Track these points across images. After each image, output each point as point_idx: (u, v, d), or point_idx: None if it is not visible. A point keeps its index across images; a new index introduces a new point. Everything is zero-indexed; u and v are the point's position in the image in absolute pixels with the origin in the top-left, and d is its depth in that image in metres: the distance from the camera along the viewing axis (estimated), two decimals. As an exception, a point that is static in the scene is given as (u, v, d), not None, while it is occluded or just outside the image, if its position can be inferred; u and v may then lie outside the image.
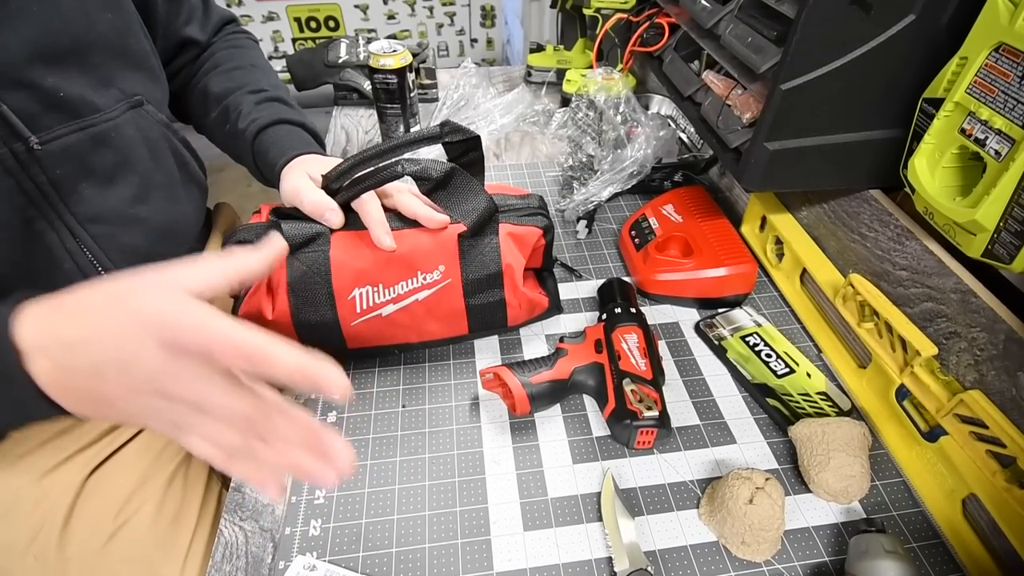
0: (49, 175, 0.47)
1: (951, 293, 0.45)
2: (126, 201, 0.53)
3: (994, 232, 0.38)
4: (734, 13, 0.54)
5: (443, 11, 2.62)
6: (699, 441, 0.53)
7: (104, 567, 0.52)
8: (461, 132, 0.51)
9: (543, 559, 0.45)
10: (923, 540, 0.46)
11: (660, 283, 0.65)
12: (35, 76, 0.45)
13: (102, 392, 0.31)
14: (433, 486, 0.50)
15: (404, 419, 0.55)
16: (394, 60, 0.80)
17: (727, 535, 0.45)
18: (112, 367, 0.30)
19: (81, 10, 0.48)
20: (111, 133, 0.51)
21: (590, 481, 0.50)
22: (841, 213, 0.58)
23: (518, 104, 0.96)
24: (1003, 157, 0.37)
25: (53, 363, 0.31)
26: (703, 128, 0.61)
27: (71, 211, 0.49)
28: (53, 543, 0.51)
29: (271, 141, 0.60)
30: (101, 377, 0.30)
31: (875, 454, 0.51)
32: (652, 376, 0.52)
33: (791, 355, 0.59)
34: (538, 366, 0.53)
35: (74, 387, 0.32)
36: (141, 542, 0.54)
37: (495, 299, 0.55)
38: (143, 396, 0.31)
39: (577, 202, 0.73)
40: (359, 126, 0.99)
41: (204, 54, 0.69)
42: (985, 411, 0.41)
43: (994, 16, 0.38)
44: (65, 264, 0.50)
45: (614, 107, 0.76)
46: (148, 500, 0.55)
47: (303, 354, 0.30)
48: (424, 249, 0.51)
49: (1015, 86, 0.36)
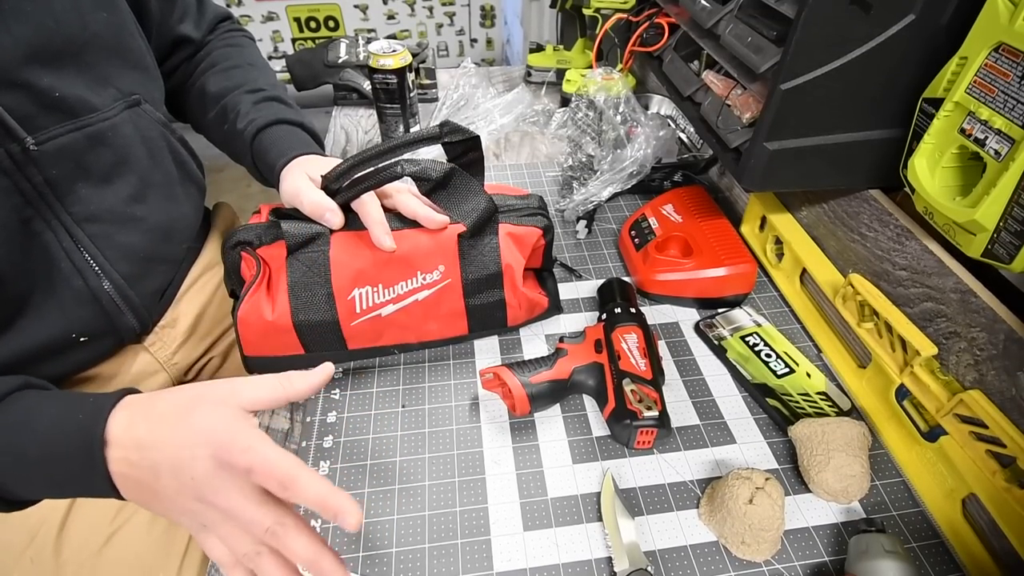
0: (45, 175, 0.47)
1: (951, 293, 0.45)
2: (123, 200, 0.53)
3: (994, 232, 0.38)
4: (734, 13, 0.54)
5: (443, 11, 2.62)
6: (699, 441, 0.53)
7: (100, 570, 0.52)
8: (461, 132, 0.51)
9: (543, 559, 0.45)
10: (923, 540, 0.46)
11: (660, 283, 0.65)
12: (30, 76, 0.45)
13: (155, 488, 0.36)
14: (433, 486, 0.49)
15: (404, 419, 0.55)
16: (394, 60, 0.80)
17: (727, 535, 0.45)
18: (168, 469, 0.35)
19: (75, 9, 0.48)
20: (108, 133, 0.51)
21: (590, 481, 0.50)
22: (841, 213, 0.58)
23: (518, 104, 0.96)
24: (1003, 157, 0.37)
25: (125, 458, 0.36)
26: (703, 128, 0.61)
27: (68, 211, 0.49)
28: (49, 546, 0.50)
29: (270, 142, 0.60)
30: (157, 476, 0.36)
31: (875, 454, 0.51)
32: (652, 376, 0.52)
33: (791, 355, 0.59)
34: (538, 366, 0.53)
35: (135, 480, 0.37)
36: (138, 545, 0.54)
37: (495, 299, 0.55)
38: (185, 498, 0.35)
39: (577, 202, 0.73)
40: (359, 126, 0.99)
41: (200, 52, 0.69)
42: (985, 411, 0.41)
43: (994, 16, 0.38)
44: (62, 263, 0.49)
45: (614, 107, 0.76)
46: (146, 502, 0.55)
47: (328, 485, 0.34)
48: (424, 249, 0.51)
49: (1015, 86, 0.36)
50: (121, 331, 0.56)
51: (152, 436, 0.36)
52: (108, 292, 0.53)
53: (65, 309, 0.50)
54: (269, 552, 0.35)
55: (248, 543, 0.35)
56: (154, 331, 0.61)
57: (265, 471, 0.34)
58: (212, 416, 0.36)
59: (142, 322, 0.57)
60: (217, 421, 0.36)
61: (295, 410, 0.55)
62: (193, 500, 0.35)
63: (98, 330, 0.53)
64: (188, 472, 0.35)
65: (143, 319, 0.57)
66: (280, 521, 0.34)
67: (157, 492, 0.36)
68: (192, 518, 0.36)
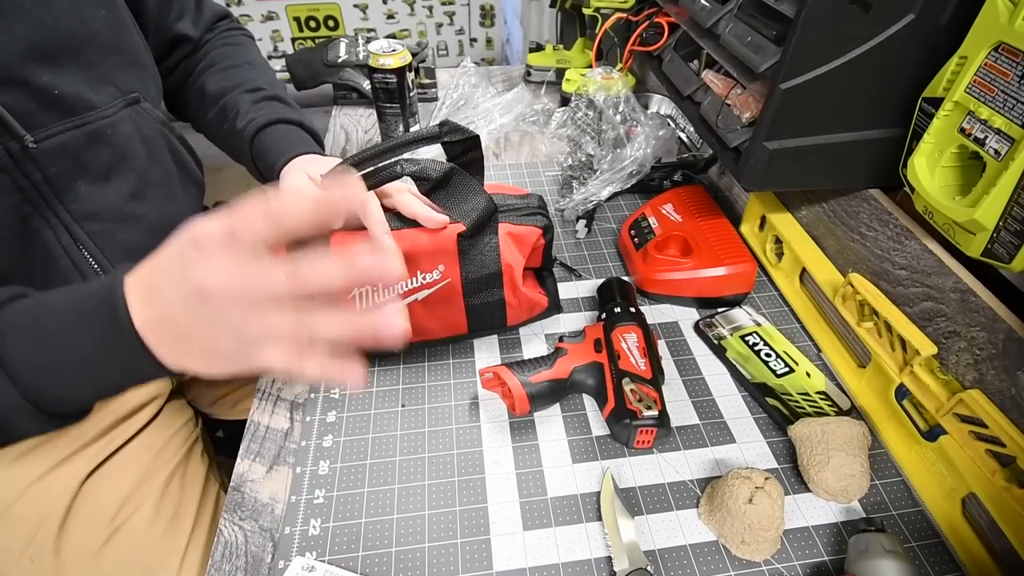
0: (44, 173, 0.47)
1: (950, 292, 0.45)
2: (122, 198, 0.53)
3: (993, 231, 0.38)
4: (733, 12, 0.54)
5: (442, 11, 2.62)
6: (699, 440, 0.53)
7: (100, 570, 0.52)
8: (460, 132, 0.51)
9: (543, 558, 0.45)
10: (922, 539, 0.46)
11: (659, 282, 0.65)
12: (30, 74, 0.45)
13: (176, 320, 0.32)
14: (432, 485, 0.49)
15: (403, 419, 0.55)
16: (393, 59, 0.80)
17: (727, 535, 0.45)
18: (170, 288, 0.32)
19: (73, 7, 0.48)
20: (107, 130, 0.51)
21: (590, 480, 0.50)
22: (840, 212, 0.58)
23: (517, 104, 0.96)
24: (1003, 156, 0.37)
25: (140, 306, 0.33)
26: (702, 127, 0.61)
27: (67, 208, 0.49)
28: (49, 545, 0.50)
29: (270, 141, 0.60)
30: (167, 303, 0.32)
31: (874, 453, 0.51)
32: (651, 375, 0.52)
33: (790, 354, 0.59)
34: (537, 366, 0.53)
35: (157, 323, 0.33)
36: (138, 545, 0.54)
37: (494, 299, 0.55)
38: (197, 309, 0.31)
39: (576, 202, 0.73)
40: (358, 126, 0.99)
41: (199, 51, 0.69)
42: (984, 410, 0.41)
43: (993, 15, 0.38)
44: (61, 261, 0.49)
45: (613, 106, 0.76)
46: (145, 502, 0.55)
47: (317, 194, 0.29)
48: (423, 249, 0.51)
49: (1014, 85, 0.36)
50: None
51: (154, 271, 0.33)
52: None
53: None
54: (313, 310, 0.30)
55: (289, 315, 0.30)
56: None
57: (242, 215, 0.29)
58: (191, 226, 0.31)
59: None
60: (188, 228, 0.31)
61: (295, 410, 0.55)
62: (204, 306, 0.30)
63: None
64: (180, 275, 0.31)
65: None
66: (292, 270, 0.29)
67: (179, 324, 0.32)
68: (234, 337, 0.31)
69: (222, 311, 0.30)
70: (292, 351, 0.30)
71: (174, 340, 0.33)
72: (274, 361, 0.31)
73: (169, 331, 0.33)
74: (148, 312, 0.33)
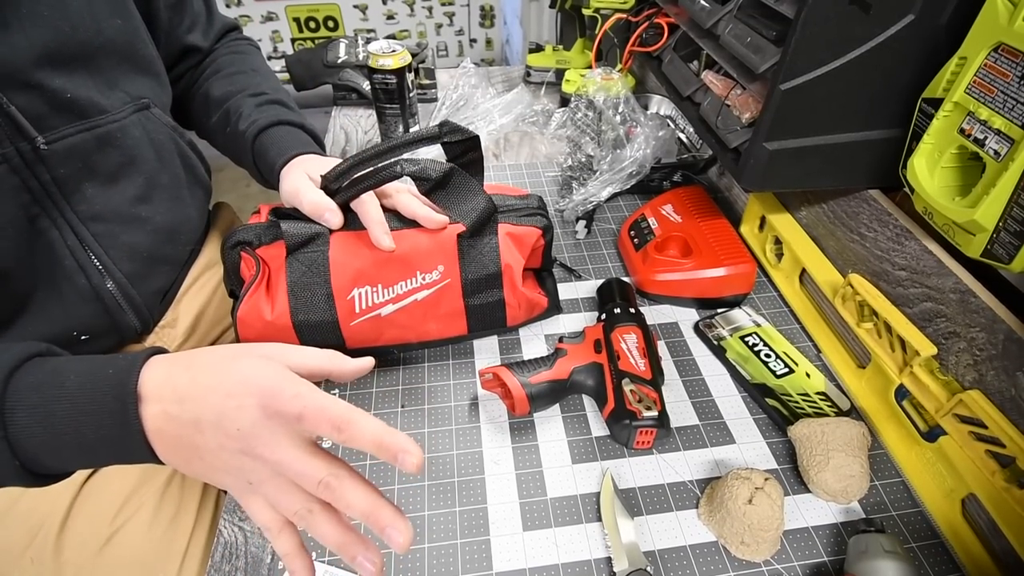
0: (53, 174, 0.47)
1: (950, 293, 0.45)
2: (129, 201, 0.53)
3: (993, 232, 0.38)
4: (733, 13, 0.54)
5: (442, 11, 2.62)
6: (698, 441, 0.53)
7: (100, 571, 0.52)
8: (460, 132, 0.51)
9: (542, 559, 0.45)
10: (922, 540, 0.46)
11: (659, 283, 0.65)
12: (43, 78, 0.45)
13: (196, 444, 0.33)
14: (432, 486, 0.49)
15: (403, 419, 0.55)
16: (393, 60, 0.80)
17: (726, 535, 0.45)
18: (212, 421, 0.33)
19: (90, 15, 0.49)
20: (117, 134, 0.51)
21: (589, 481, 0.50)
22: (840, 213, 0.58)
23: (517, 104, 0.96)
24: (1002, 157, 0.37)
25: (163, 412, 0.34)
26: (702, 128, 0.61)
27: (74, 209, 0.50)
28: (50, 546, 0.50)
29: (270, 142, 0.60)
30: (200, 429, 0.33)
31: (874, 454, 0.51)
32: (651, 376, 0.52)
33: (790, 355, 0.59)
34: (537, 366, 0.53)
35: (174, 435, 0.34)
36: (138, 546, 0.54)
37: (494, 299, 0.55)
38: (230, 452, 0.33)
39: (576, 202, 0.73)
40: (358, 126, 0.99)
41: (206, 60, 0.69)
42: (984, 411, 0.41)
43: (993, 16, 0.38)
44: (66, 261, 0.50)
45: (613, 107, 0.76)
46: (145, 503, 0.55)
47: (384, 425, 0.32)
48: (423, 249, 0.51)
49: (1014, 86, 0.36)
50: (122, 330, 0.56)
51: (194, 386, 0.34)
52: (111, 291, 0.53)
53: (67, 307, 0.51)
54: (321, 508, 0.33)
55: (299, 500, 0.33)
56: (154, 331, 0.61)
57: (317, 415, 0.32)
58: (259, 366, 0.34)
59: (143, 321, 0.58)
60: (265, 370, 0.34)
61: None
62: (239, 455, 0.33)
63: (99, 329, 0.54)
64: (234, 423, 0.32)
65: (144, 319, 0.58)
66: (334, 472, 0.32)
67: (199, 448, 0.33)
68: (237, 476, 0.33)
69: (252, 468, 0.33)
70: (280, 521, 0.34)
71: (179, 449, 0.34)
72: (259, 516, 0.34)
73: (179, 443, 0.34)
74: (164, 419, 0.34)
